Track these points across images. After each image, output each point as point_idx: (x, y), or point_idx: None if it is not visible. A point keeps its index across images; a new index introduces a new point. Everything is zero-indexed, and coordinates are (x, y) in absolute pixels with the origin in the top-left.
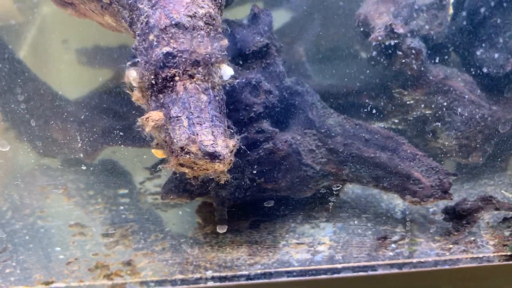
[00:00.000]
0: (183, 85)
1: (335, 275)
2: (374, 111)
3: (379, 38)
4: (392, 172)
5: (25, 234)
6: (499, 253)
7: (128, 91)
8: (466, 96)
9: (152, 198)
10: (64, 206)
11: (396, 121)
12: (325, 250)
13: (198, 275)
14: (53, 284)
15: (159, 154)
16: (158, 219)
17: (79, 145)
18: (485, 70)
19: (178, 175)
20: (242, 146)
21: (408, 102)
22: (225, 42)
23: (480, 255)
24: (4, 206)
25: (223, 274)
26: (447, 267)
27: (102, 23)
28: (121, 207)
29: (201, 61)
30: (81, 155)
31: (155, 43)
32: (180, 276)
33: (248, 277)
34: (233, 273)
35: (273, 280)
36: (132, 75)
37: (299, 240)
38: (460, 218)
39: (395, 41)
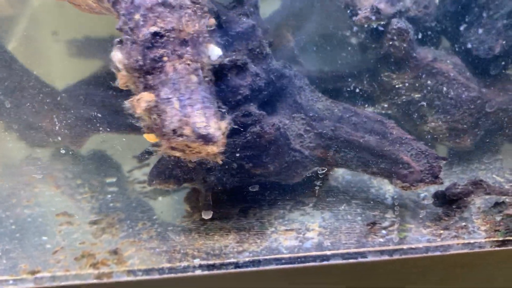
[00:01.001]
0: (173, 65)
1: (325, 262)
2: (363, 96)
3: (365, 19)
4: (381, 156)
5: (11, 223)
6: (491, 239)
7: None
8: (455, 78)
9: (140, 186)
10: (52, 196)
11: (386, 105)
12: (314, 236)
13: (185, 263)
14: (39, 274)
15: (151, 138)
16: (146, 207)
17: (66, 132)
18: (474, 52)
19: (164, 160)
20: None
21: (396, 86)
22: (213, 21)
23: (472, 241)
24: None
25: (211, 262)
26: (438, 253)
27: (79, 5)
28: (109, 196)
29: (189, 40)
30: (68, 143)
31: (141, 23)
32: (168, 265)
33: (237, 265)
34: (221, 261)
35: (261, 268)
36: (117, 56)
37: (287, 226)
38: (450, 203)
39: (382, 23)
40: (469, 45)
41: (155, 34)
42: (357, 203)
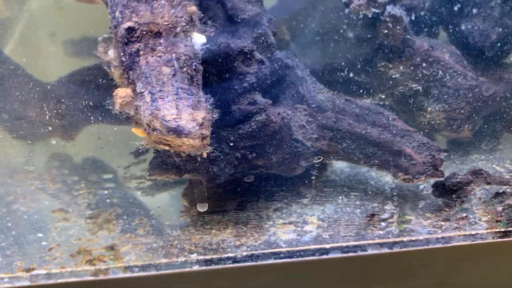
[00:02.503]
0: (145, 58)
1: (324, 256)
2: (360, 87)
3: (359, 7)
4: (383, 148)
5: (7, 221)
6: (493, 230)
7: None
8: (453, 67)
9: (137, 182)
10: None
11: (383, 96)
12: (313, 230)
13: (183, 259)
14: (34, 271)
15: (139, 132)
16: (143, 202)
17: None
18: (470, 40)
19: (164, 151)
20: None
21: (393, 76)
22: (193, 8)
23: (473, 232)
24: None
25: (208, 257)
26: (439, 245)
27: None
28: (105, 192)
29: (162, 32)
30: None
31: (120, 19)
32: (165, 260)
33: (235, 260)
34: (219, 256)
35: (259, 262)
36: (110, 54)
37: (285, 220)
38: (450, 193)
39: (376, 10)
40: (465, 33)
41: (129, 29)
42: (356, 195)
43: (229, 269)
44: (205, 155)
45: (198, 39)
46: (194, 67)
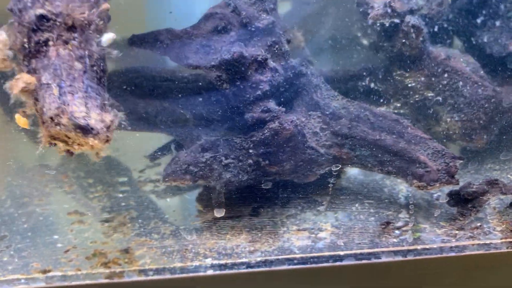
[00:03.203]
0: (56, 50)
1: (338, 263)
2: (375, 95)
3: (378, 16)
4: (398, 155)
5: (23, 222)
6: (507, 240)
7: None
8: (469, 77)
9: (152, 185)
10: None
11: (398, 104)
12: (326, 236)
13: (197, 263)
14: (50, 273)
15: (21, 122)
16: (157, 206)
17: None
18: (487, 50)
19: (179, 157)
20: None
21: (409, 85)
22: (106, 6)
23: (487, 242)
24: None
25: (222, 261)
26: (453, 254)
27: None
28: (120, 195)
29: (78, 26)
30: None
31: (29, 4)
32: (179, 264)
33: (249, 265)
34: (233, 261)
35: (273, 268)
36: (1, 36)
37: (300, 226)
38: (465, 202)
39: (395, 20)
40: (482, 44)
41: (41, 17)
42: (370, 203)
43: (243, 274)
44: (98, 159)
45: (108, 36)
46: (102, 68)
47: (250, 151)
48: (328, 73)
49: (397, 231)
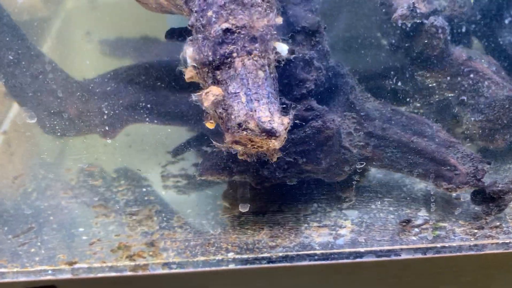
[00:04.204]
0: (241, 61)
1: (358, 259)
2: (396, 95)
3: (401, 17)
4: (429, 158)
5: (49, 214)
6: None
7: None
8: (491, 78)
9: (174, 180)
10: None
11: (418, 105)
12: (347, 233)
13: (220, 257)
14: (76, 265)
15: (210, 126)
16: (181, 201)
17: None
18: (509, 51)
19: (217, 152)
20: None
21: (430, 85)
22: (280, 19)
23: (507, 241)
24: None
25: (244, 256)
26: (472, 252)
27: (147, 3)
28: (144, 189)
29: (258, 37)
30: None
31: (213, 20)
32: (202, 258)
33: (270, 260)
34: (255, 255)
35: (294, 263)
36: (188, 52)
37: (320, 223)
38: (490, 201)
39: (418, 21)
40: (504, 45)
41: (226, 30)
42: (390, 201)
43: (265, 269)
44: (275, 159)
45: (283, 47)
46: (275, 74)
47: (289, 148)
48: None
49: (416, 229)
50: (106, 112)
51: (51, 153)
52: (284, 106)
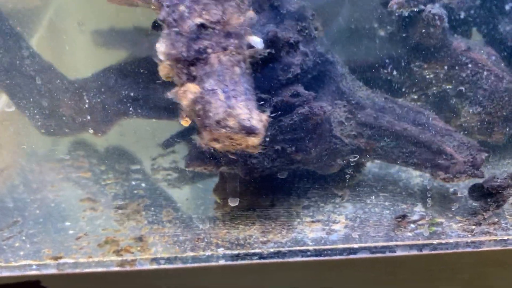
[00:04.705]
0: (217, 57)
1: (351, 256)
2: (392, 86)
3: (398, 4)
4: (423, 147)
5: (35, 208)
6: None
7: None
8: (490, 69)
9: (165, 173)
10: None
11: (415, 96)
12: (340, 229)
13: (209, 253)
14: (62, 260)
15: (185, 123)
16: (170, 195)
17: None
18: (509, 42)
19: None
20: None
21: (427, 76)
22: (253, 13)
23: (505, 238)
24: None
25: (235, 252)
26: (469, 249)
27: None
28: (133, 183)
29: (233, 33)
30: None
31: (186, 14)
32: (191, 253)
33: (261, 256)
34: (246, 251)
35: (286, 259)
36: (161, 47)
37: (314, 218)
38: (487, 196)
39: (415, 9)
40: (504, 36)
41: (201, 25)
42: (385, 196)
43: (256, 265)
44: (256, 152)
45: (257, 40)
46: (250, 70)
47: (277, 136)
48: (345, 63)
49: (412, 225)
50: (98, 109)
51: (40, 145)
52: (262, 102)
